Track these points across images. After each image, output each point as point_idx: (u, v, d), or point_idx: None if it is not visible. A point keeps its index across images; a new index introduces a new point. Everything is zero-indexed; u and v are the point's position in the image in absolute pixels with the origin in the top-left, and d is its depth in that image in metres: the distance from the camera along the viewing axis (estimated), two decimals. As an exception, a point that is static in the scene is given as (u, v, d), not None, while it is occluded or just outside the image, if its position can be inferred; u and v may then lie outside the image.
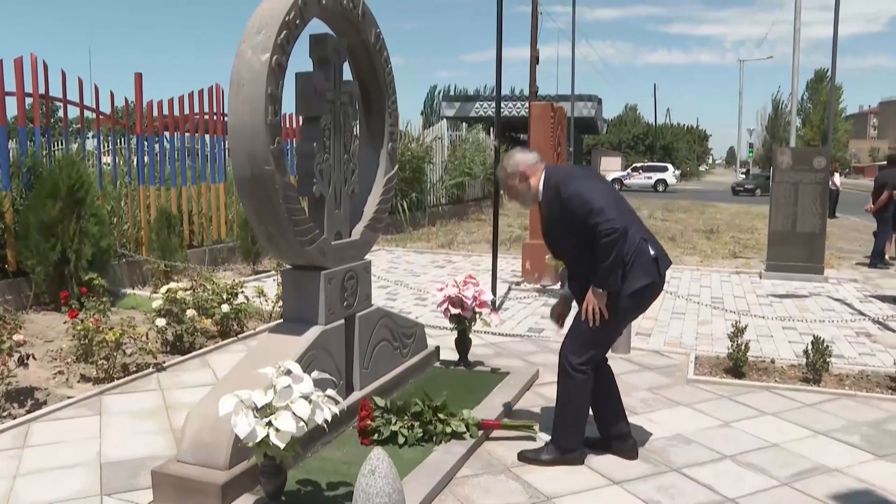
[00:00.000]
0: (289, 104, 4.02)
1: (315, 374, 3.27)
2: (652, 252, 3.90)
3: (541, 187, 4.01)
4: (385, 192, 5.01)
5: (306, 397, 3.11)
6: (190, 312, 5.99)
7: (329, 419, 3.18)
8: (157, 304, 6.00)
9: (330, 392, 3.27)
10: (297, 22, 3.90)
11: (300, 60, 3.91)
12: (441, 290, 5.57)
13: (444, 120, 21.48)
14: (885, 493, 3.89)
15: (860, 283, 10.67)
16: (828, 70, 73.85)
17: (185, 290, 6.29)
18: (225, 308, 6.30)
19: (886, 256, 12.61)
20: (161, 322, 5.83)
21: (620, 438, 4.23)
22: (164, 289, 6.06)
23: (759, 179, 45.39)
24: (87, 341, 5.30)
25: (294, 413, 3.03)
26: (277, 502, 3.30)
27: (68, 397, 4.95)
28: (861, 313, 8.48)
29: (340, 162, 4.45)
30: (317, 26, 4.31)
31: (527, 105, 29.99)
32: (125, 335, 5.33)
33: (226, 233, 10.86)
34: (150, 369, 5.53)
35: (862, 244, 15.26)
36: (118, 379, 5.29)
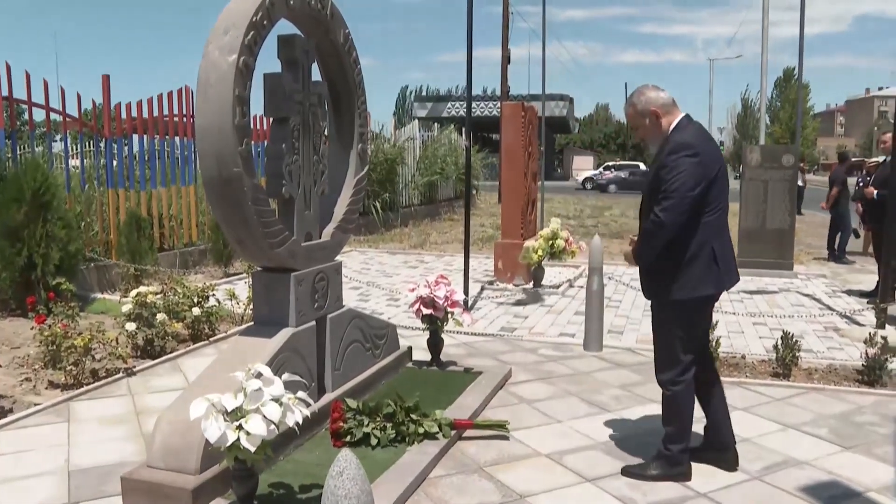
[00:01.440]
0: (257, 105, 4.00)
1: (286, 376, 3.25)
2: (718, 261, 3.73)
3: (669, 132, 3.81)
4: (355, 193, 4.99)
5: (277, 400, 3.09)
6: (160, 316, 5.93)
7: (300, 422, 3.16)
8: (126, 308, 5.93)
9: (301, 394, 3.25)
10: (265, 22, 3.88)
11: (268, 61, 3.87)
12: (413, 290, 5.56)
13: (417, 120, 21.46)
14: (851, 484, 3.95)
15: (829, 279, 10.83)
16: (795, 69, 74.74)
17: (156, 293, 6.23)
18: (196, 311, 6.25)
19: (842, 253, 12.90)
20: (131, 326, 5.77)
21: (722, 449, 4.08)
22: (133, 293, 5.99)
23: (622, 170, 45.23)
24: (55, 347, 5.23)
25: (265, 416, 3.01)
26: (249, 506, 3.27)
27: (35, 404, 4.88)
28: (830, 308, 8.60)
29: (310, 163, 4.43)
30: (285, 27, 4.29)
31: (498, 105, 30.13)
32: (94, 340, 5.26)
33: (197, 235, 10.77)
34: (120, 374, 5.46)
35: (827, 240, 15.45)
36: (87, 385, 5.21)
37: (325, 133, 4.78)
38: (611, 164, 51.97)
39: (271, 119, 4.26)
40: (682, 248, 3.70)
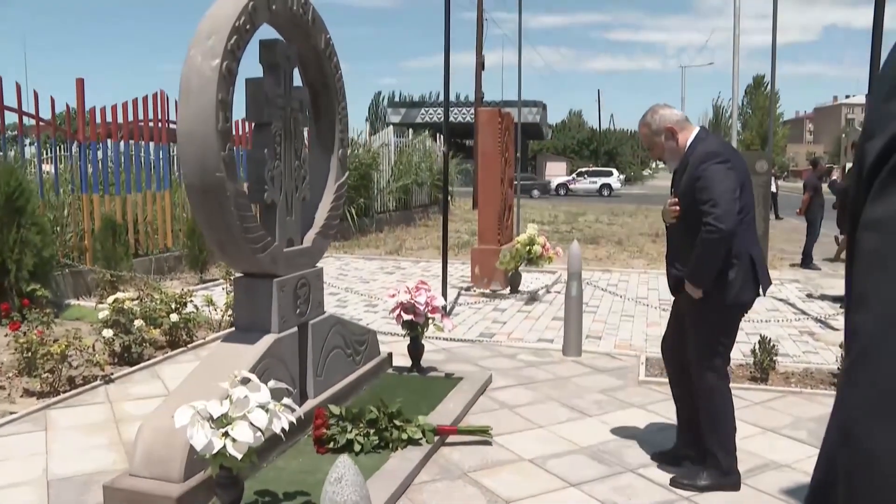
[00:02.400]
0: (237, 111, 3.97)
1: (272, 383, 3.23)
2: (756, 268, 3.75)
3: (686, 148, 3.82)
4: (336, 198, 4.98)
5: (263, 407, 3.07)
6: (138, 323, 5.87)
7: (287, 428, 3.14)
8: (103, 314, 5.86)
9: (287, 401, 3.23)
10: (248, 27, 3.86)
11: (248, 66, 3.86)
12: (393, 296, 5.55)
13: (391, 126, 21.45)
14: (831, 487, 3.99)
15: (802, 284, 10.97)
16: (766, 76, 75.87)
17: (133, 299, 6.16)
18: (174, 318, 6.19)
19: (817, 259, 13.07)
20: (108, 333, 5.69)
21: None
22: (110, 299, 5.92)
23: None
24: (30, 354, 5.15)
25: (251, 423, 2.99)
26: (233, 514, 3.24)
27: (11, 413, 4.80)
28: (804, 312, 8.71)
29: (291, 168, 4.42)
30: (266, 32, 4.27)
31: (473, 111, 30.22)
32: (71, 347, 5.18)
33: (172, 241, 10.67)
34: (98, 382, 5.39)
35: (801, 245, 15.67)
36: (64, 392, 5.14)
37: (306, 138, 4.77)
38: (583, 170, 52.29)
39: (252, 124, 4.24)
40: (726, 255, 3.68)
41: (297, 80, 4.63)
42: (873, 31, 6.69)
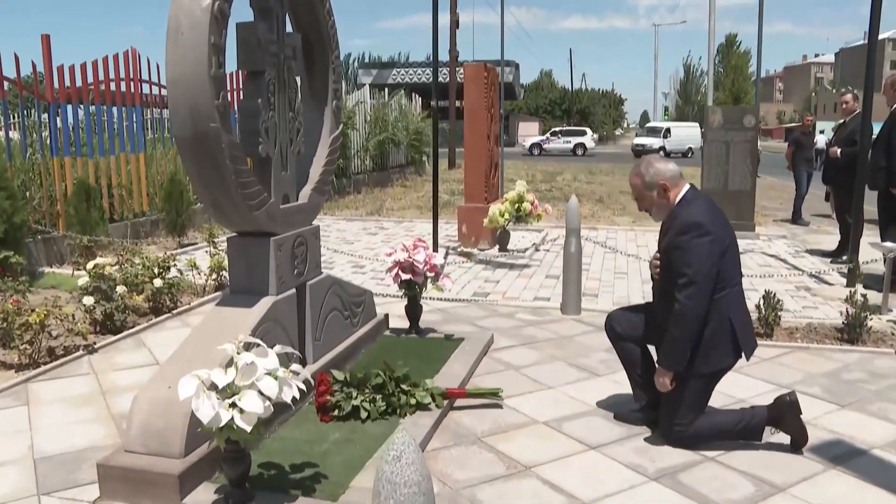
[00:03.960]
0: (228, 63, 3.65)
1: (278, 348, 2.99)
2: (737, 334, 3.66)
3: (674, 205, 3.71)
4: (331, 152, 4.70)
5: (272, 374, 2.83)
6: (120, 289, 5.57)
7: (297, 396, 2.91)
8: (82, 281, 5.54)
9: (295, 367, 3.00)
10: (237, -36, 3.54)
11: (236, 11, 3.53)
12: (390, 254, 5.31)
13: (367, 86, 20.96)
14: (854, 442, 3.89)
15: (789, 239, 10.88)
16: (737, 35, 75.72)
17: (112, 265, 5.85)
18: (157, 283, 5.89)
19: (805, 215, 13.00)
20: (89, 300, 5.39)
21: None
22: (90, 264, 5.60)
23: None
24: (6, 325, 4.85)
25: (260, 392, 2.75)
26: (241, 490, 3.01)
27: (-11, 387, 4.51)
28: (796, 268, 8.61)
29: (286, 120, 4.12)
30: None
31: (446, 71, 29.72)
32: (51, 316, 4.88)
33: (148, 205, 10.28)
34: (80, 352, 5.09)
35: (783, 202, 15.63)
36: (45, 364, 4.84)
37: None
38: (557, 129, 52.07)
39: (244, 72, 3.93)
40: (703, 325, 3.61)
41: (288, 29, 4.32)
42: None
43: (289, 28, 4.29)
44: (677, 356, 3.60)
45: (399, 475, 1.71)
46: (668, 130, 46.59)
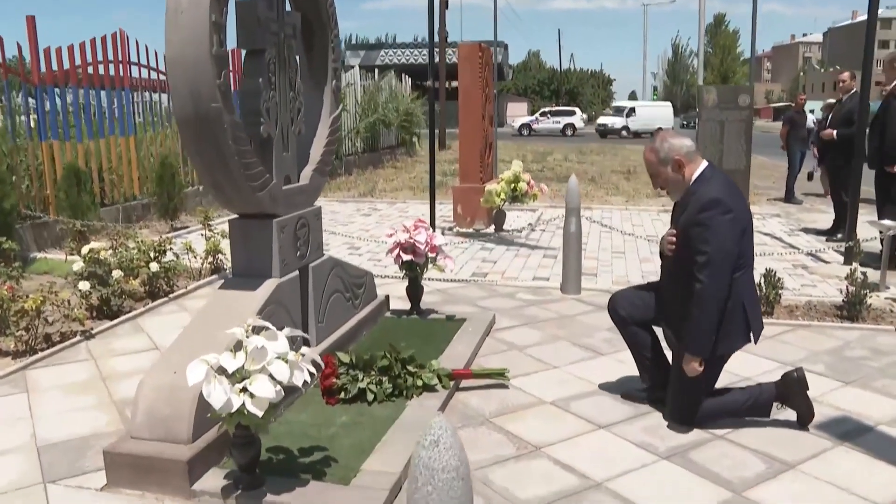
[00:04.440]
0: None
1: (287, 331, 2.94)
2: (748, 317, 3.61)
3: (691, 183, 3.63)
4: (331, 132, 4.63)
5: (282, 357, 2.78)
6: (116, 273, 5.49)
7: (308, 380, 2.86)
8: (77, 266, 5.46)
9: (305, 350, 2.95)
10: (237, -61, 3.46)
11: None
12: (391, 235, 5.25)
13: (357, 67, 20.78)
14: (861, 419, 3.89)
15: (783, 218, 10.89)
16: (725, 14, 75.62)
17: (106, 249, 5.77)
18: (154, 267, 5.81)
19: (798, 193, 13.01)
20: (85, 286, 5.31)
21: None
22: (85, 249, 5.52)
23: None
24: (1, 311, 4.77)
25: (272, 376, 2.70)
26: (251, 475, 2.97)
27: (-14, 374, 4.44)
28: (792, 246, 8.61)
29: (287, 100, 4.05)
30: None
31: (437, 51, 29.53)
32: (47, 302, 4.81)
33: (139, 189, 10.16)
34: (78, 338, 5.02)
35: (775, 181, 15.64)
36: (42, 351, 4.76)
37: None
38: (547, 109, 51.95)
39: (244, 52, 3.85)
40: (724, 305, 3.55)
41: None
42: None
43: (287, 7, 4.21)
44: (703, 339, 3.52)
45: (437, 460, 1.67)
46: (632, 110, 46.09)
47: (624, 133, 43.60)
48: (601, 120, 46.86)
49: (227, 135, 3.35)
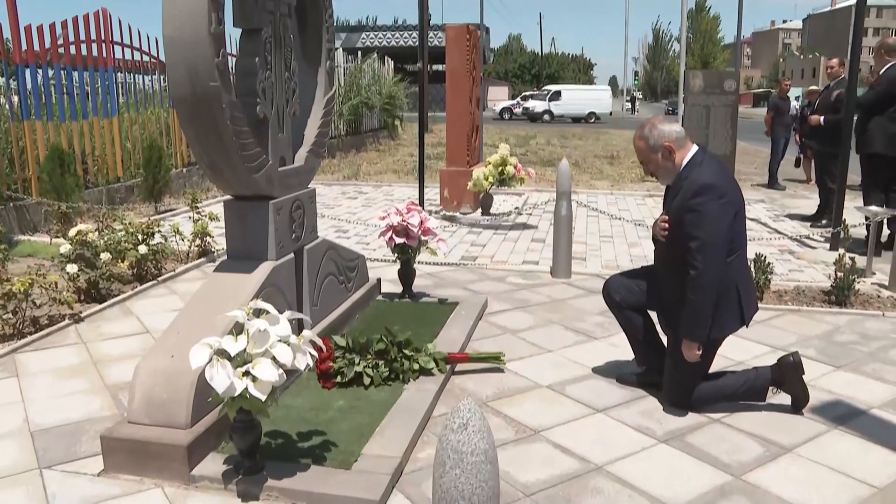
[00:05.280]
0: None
1: (288, 313, 2.90)
2: (742, 301, 3.62)
3: (682, 168, 3.62)
4: (325, 114, 4.58)
5: (284, 340, 2.75)
6: (104, 256, 5.41)
7: (311, 363, 2.84)
8: (64, 248, 5.38)
9: (307, 333, 2.92)
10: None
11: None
12: (383, 218, 5.22)
13: (341, 49, 20.61)
14: (854, 402, 3.93)
15: (768, 203, 10.95)
16: (707, 0, 75.68)
17: (93, 232, 5.68)
18: (142, 249, 5.74)
19: (780, 179, 13.08)
20: (72, 268, 5.23)
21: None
22: (72, 231, 5.43)
23: None
24: (-12, 294, 4.69)
25: (274, 359, 2.67)
26: (251, 460, 2.94)
27: (-27, 358, 4.36)
28: (778, 232, 8.66)
29: (282, 80, 3.99)
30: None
31: (416, 35, 29.34)
32: (35, 285, 4.73)
33: (123, 171, 10.03)
34: (66, 321, 4.94)
35: (757, 167, 15.73)
36: (31, 335, 4.69)
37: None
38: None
39: (241, 31, 3.78)
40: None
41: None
42: None
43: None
44: (701, 324, 3.52)
45: (466, 444, 1.65)
46: (557, 93, 45.87)
47: (546, 118, 43.52)
48: (525, 104, 46.40)
49: (226, 114, 3.29)
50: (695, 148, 3.67)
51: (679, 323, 3.61)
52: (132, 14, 15.40)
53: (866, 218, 6.80)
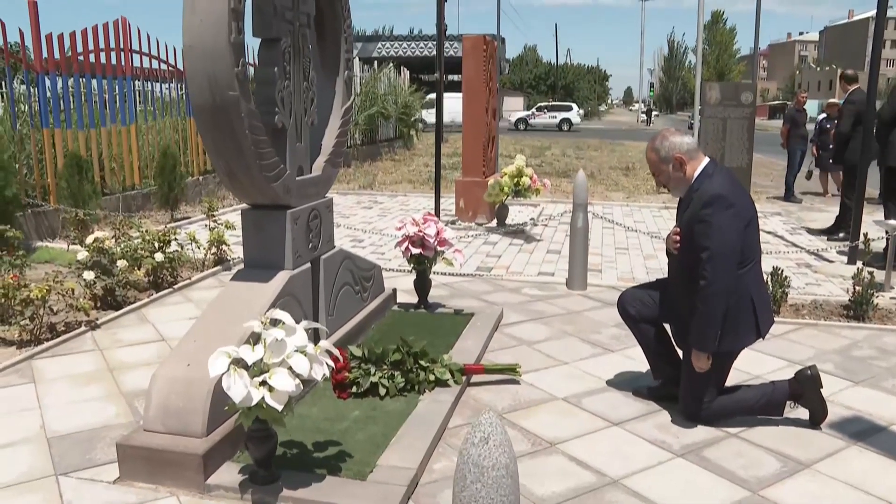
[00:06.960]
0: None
1: (304, 323, 2.90)
2: (757, 312, 3.59)
3: (693, 180, 3.62)
4: (343, 123, 4.59)
5: (301, 350, 2.75)
6: (121, 263, 5.44)
7: (328, 374, 2.83)
8: (82, 255, 5.41)
9: (324, 343, 2.91)
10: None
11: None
12: (399, 228, 5.22)
13: (358, 59, 20.69)
14: (873, 419, 3.87)
15: (784, 216, 10.88)
16: (724, 12, 75.62)
17: (110, 239, 5.72)
18: (159, 257, 5.76)
19: (797, 192, 12.98)
20: (89, 275, 5.26)
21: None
22: (90, 238, 5.46)
23: None
24: (6, 300, 4.72)
25: (291, 369, 2.67)
26: (267, 469, 2.94)
27: (-8, 363, 4.38)
28: (795, 245, 8.60)
29: (300, 90, 4.00)
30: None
31: (435, 45, 29.44)
32: (52, 291, 4.75)
33: (140, 179, 10.09)
34: (83, 328, 4.97)
35: (773, 179, 15.64)
36: (47, 341, 4.71)
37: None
38: (543, 104, 51.83)
39: (260, 40, 3.79)
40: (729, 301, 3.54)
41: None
42: None
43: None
44: (708, 333, 3.51)
45: (487, 458, 1.64)
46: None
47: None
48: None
49: (244, 124, 3.31)
50: (706, 160, 3.67)
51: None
52: (151, 23, 15.51)
53: (886, 232, 6.74)
